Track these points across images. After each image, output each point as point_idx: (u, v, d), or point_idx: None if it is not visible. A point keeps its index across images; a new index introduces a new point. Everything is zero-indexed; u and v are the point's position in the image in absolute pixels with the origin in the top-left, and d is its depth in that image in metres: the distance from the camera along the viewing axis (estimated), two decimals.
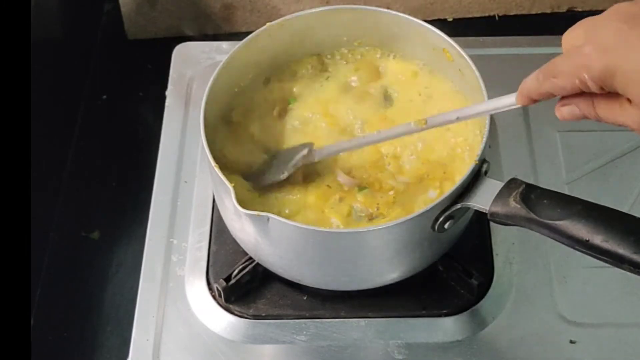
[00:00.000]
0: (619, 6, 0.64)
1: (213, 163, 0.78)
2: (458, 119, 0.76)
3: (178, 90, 1.03)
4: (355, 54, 0.92)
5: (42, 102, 0.95)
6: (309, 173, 0.83)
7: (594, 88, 0.63)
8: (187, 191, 0.94)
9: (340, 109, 0.88)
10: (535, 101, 0.68)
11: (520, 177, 0.74)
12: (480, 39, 1.06)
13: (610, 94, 0.63)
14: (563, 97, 0.67)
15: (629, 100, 0.62)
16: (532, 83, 0.67)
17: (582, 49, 0.63)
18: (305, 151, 0.82)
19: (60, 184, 1.01)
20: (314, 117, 0.88)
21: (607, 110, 0.64)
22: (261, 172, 0.84)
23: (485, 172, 0.77)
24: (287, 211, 0.81)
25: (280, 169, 0.83)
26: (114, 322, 0.91)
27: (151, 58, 1.12)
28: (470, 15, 1.16)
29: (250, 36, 0.87)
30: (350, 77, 0.91)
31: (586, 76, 0.62)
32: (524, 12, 1.16)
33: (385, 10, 0.88)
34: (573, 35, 0.65)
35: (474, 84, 0.82)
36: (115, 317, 0.91)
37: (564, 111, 0.67)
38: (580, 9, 1.16)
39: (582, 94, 0.65)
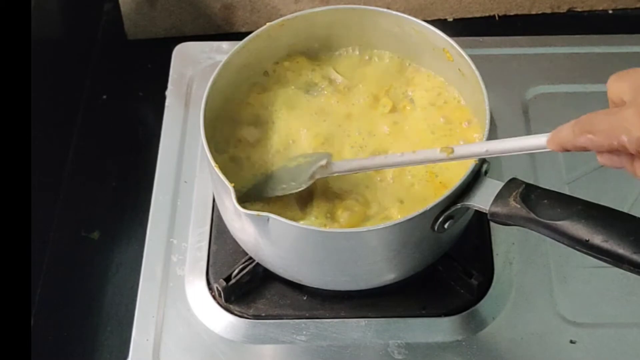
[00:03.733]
0: None
1: (213, 163, 0.78)
2: (487, 152, 0.71)
3: (178, 90, 1.03)
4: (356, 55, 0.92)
5: (42, 102, 0.95)
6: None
7: (633, 151, 0.60)
8: (187, 191, 0.94)
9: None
10: (568, 150, 0.64)
11: (520, 177, 0.74)
12: (480, 39, 1.06)
13: None
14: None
15: None
16: (567, 134, 0.63)
17: (624, 112, 0.60)
18: (323, 161, 0.79)
19: (60, 184, 1.01)
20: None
21: None
22: (266, 182, 0.81)
23: (485, 172, 0.77)
24: None
25: (296, 179, 0.80)
26: (114, 322, 0.91)
27: (151, 58, 1.12)
28: (470, 15, 1.16)
29: (250, 36, 0.87)
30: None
31: (625, 139, 0.59)
32: (524, 12, 1.16)
33: (385, 10, 0.88)
34: (619, 87, 0.62)
35: (474, 84, 0.82)
36: (115, 317, 0.91)
37: (602, 159, 0.63)
38: (580, 9, 1.16)
39: (618, 151, 0.61)
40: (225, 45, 1.06)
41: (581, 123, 0.63)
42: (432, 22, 0.87)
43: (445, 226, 0.76)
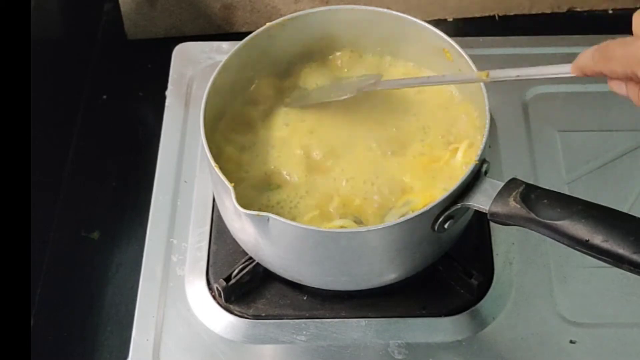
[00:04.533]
0: None
1: (213, 163, 0.78)
2: (518, 77, 0.74)
3: (178, 90, 1.03)
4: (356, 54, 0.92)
5: (42, 102, 0.95)
6: None
7: None
8: (187, 191, 0.94)
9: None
10: (587, 76, 0.68)
11: (520, 177, 0.74)
12: (480, 39, 1.06)
13: None
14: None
15: None
16: (587, 60, 0.67)
17: (638, 42, 0.63)
18: (372, 80, 0.85)
19: (60, 184, 1.01)
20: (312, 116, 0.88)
21: None
22: (315, 91, 0.87)
23: (485, 172, 0.77)
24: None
25: (343, 89, 0.86)
26: (114, 322, 0.91)
27: (151, 58, 1.12)
28: (470, 15, 1.16)
29: (250, 36, 0.87)
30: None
31: (637, 70, 0.63)
32: (524, 12, 1.16)
33: (385, 10, 0.88)
34: None
35: (474, 84, 0.82)
36: (115, 317, 0.91)
37: (613, 85, 0.68)
38: (580, 9, 1.16)
39: (631, 79, 0.65)
40: (225, 45, 1.06)
41: (600, 49, 0.66)
42: (432, 22, 0.87)
43: (446, 226, 0.76)
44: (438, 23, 1.02)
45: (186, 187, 0.94)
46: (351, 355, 0.83)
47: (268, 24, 0.88)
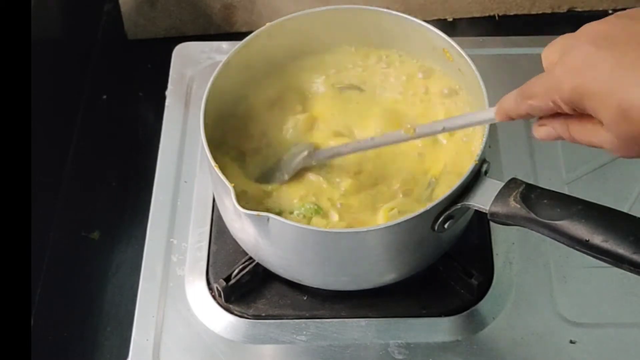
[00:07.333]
0: (589, 25, 0.63)
1: (213, 163, 0.78)
2: (444, 130, 0.76)
3: (178, 90, 1.03)
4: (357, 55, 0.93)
5: (42, 102, 0.95)
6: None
7: (566, 109, 0.62)
8: (187, 191, 0.94)
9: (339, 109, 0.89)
10: (513, 119, 0.68)
11: (520, 177, 0.74)
12: (480, 39, 1.06)
13: (583, 115, 0.62)
14: (540, 117, 0.66)
15: (601, 122, 0.61)
16: (510, 103, 0.67)
17: (554, 70, 0.62)
18: (305, 153, 0.83)
19: (60, 184, 1.01)
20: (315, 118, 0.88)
21: (580, 131, 0.64)
22: (267, 173, 0.84)
23: (485, 172, 0.77)
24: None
25: (282, 171, 0.83)
26: (114, 322, 0.91)
27: (151, 58, 1.12)
28: (470, 15, 1.16)
29: (250, 36, 0.87)
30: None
31: (557, 98, 0.62)
32: (524, 12, 1.16)
33: (385, 10, 0.88)
34: (550, 51, 0.65)
35: (474, 84, 0.82)
36: (115, 317, 0.91)
37: (540, 131, 0.67)
38: (580, 9, 1.16)
39: (557, 114, 0.64)
40: (225, 45, 1.06)
41: (521, 90, 0.65)
42: (432, 22, 0.87)
43: (446, 226, 0.76)
44: (438, 23, 1.02)
45: (186, 187, 0.94)
46: (351, 355, 0.83)
47: (268, 24, 0.88)
